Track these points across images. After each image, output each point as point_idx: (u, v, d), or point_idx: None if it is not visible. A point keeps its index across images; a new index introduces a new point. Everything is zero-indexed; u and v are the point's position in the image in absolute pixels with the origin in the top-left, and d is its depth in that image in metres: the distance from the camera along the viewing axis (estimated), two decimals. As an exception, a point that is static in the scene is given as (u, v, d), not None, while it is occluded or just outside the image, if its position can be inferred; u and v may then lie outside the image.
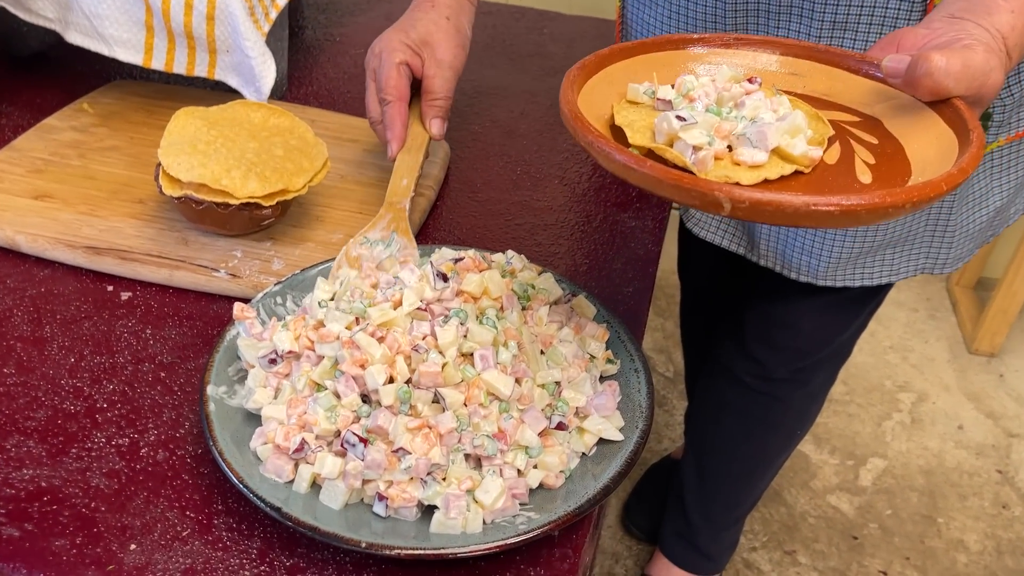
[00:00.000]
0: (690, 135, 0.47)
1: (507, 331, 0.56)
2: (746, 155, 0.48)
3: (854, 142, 0.52)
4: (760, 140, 0.48)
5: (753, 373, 1.06)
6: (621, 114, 0.52)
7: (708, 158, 0.47)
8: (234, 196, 0.65)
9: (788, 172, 0.49)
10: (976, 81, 0.49)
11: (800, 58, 0.58)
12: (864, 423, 1.71)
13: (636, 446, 0.55)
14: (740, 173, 0.47)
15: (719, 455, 1.17)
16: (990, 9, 0.52)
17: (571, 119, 0.47)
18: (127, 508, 0.51)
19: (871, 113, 0.55)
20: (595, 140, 0.45)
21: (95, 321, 0.63)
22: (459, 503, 0.49)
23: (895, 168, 0.50)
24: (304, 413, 0.52)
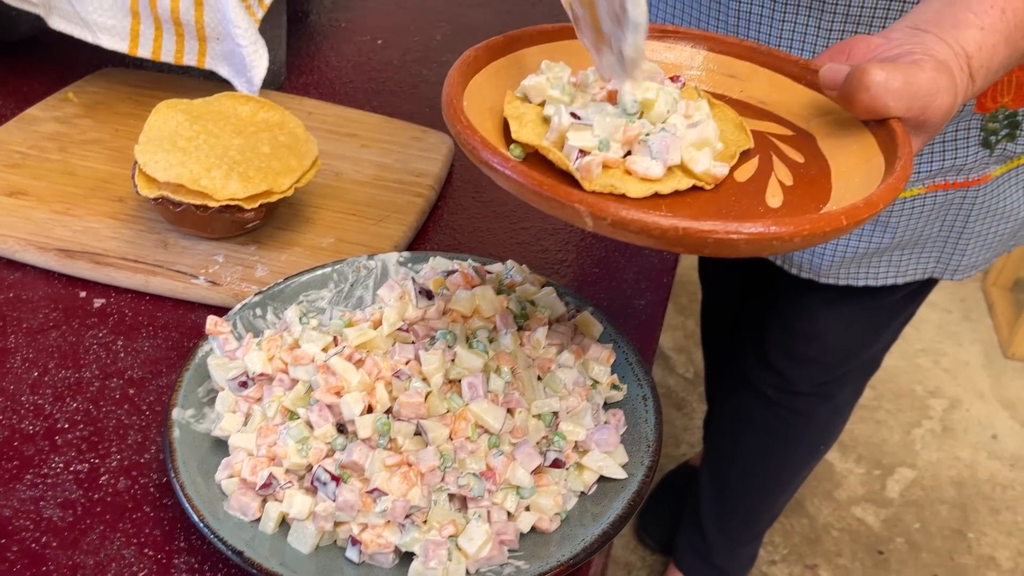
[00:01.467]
0: (578, 137, 0.42)
1: (500, 355, 0.51)
2: (640, 165, 0.42)
3: (777, 159, 0.47)
4: (661, 151, 0.42)
5: (775, 386, 1.00)
6: (512, 104, 0.46)
7: (594, 164, 0.42)
8: (214, 198, 0.61)
9: (684, 187, 0.43)
10: (918, 102, 0.43)
11: (741, 59, 0.52)
12: (892, 430, 1.64)
13: (641, 485, 0.50)
14: (629, 184, 0.42)
15: (738, 469, 1.12)
16: (957, 23, 0.46)
17: (445, 104, 0.42)
18: (80, 544, 0.47)
19: (806, 128, 0.49)
20: (463, 131, 0.41)
21: (63, 331, 0.59)
22: (440, 552, 0.44)
23: (813, 192, 0.44)
24: (274, 444, 0.47)
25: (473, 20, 1.07)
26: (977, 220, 0.77)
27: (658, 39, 0.53)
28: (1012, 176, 0.76)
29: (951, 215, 0.77)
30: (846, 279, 0.82)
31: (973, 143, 0.72)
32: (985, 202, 0.76)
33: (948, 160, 0.72)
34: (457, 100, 0.43)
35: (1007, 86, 0.70)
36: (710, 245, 0.36)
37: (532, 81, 0.46)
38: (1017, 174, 0.75)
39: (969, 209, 0.76)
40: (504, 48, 0.49)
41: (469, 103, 0.44)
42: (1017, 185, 0.76)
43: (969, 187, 0.74)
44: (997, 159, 0.73)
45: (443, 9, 1.08)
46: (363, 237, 0.68)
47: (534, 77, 0.47)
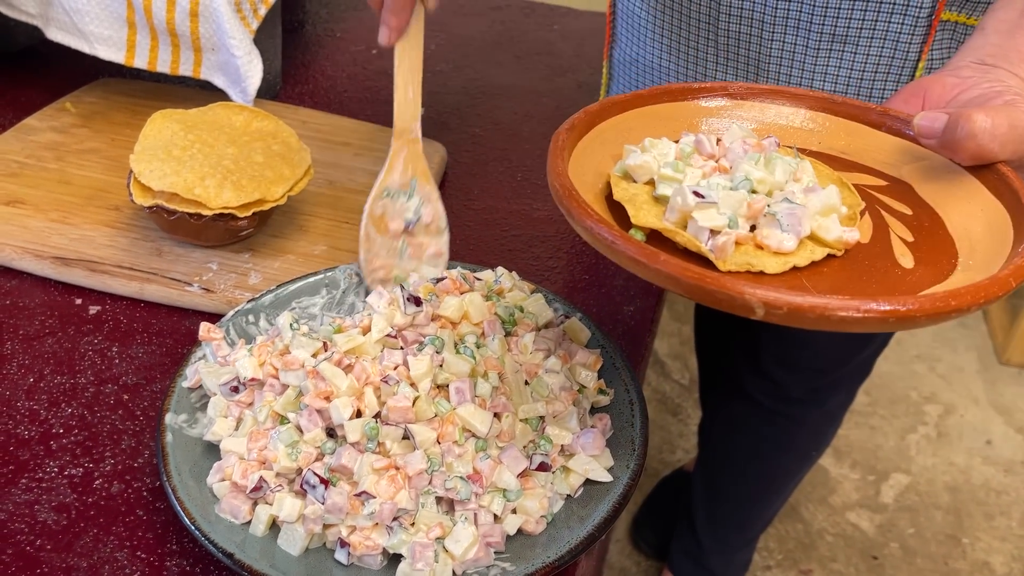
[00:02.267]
0: (705, 216, 0.41)
1: (487, 360, 0.51)
2: (773, 240, 0.41)
3: (885, 213, 0.46)
4: (792, 224, 0.41)
5: (768, 392, 1.01)
6: (620, 187, 0.45)
7: (728, 244, 0.40)
8: (207, 206, 0.62)
9: (819, 257, 0.42)
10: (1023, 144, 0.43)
11: (814, 110, 0.52)
12: (887, 436, 1.65)
13: (626, 488, 0.51)
14: (764, 260, 0.41)
15: (731, 474, 1.12)
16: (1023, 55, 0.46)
17: (565, 197, 0.40)
18: (74, 547, 0.48)
19: (898, 176, 0.49)
20: (595, 226, 0.38)
21: (59, 337, 0.60)
22: (427, 553, 0.45)
23: (937, 246, 0.43)
24: (265, 448, 0.48)
25: (468, 30, 1.08)
26: None
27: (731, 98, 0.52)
28: None
29: None
30: None
31: None
32: None
33: None
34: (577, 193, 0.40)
35: None
36: (892, 323, 0.35)
37: (636, 160, 0.45)
38: None
39: None
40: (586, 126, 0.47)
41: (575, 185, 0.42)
42: None
43: None
44: None
45: (437, 19, 1.10)
46: (355, 244, 0.68)
47: (638, 156, 0.46)
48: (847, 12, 0.64)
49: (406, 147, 0.63)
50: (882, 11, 0.64)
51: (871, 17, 0.64)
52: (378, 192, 0.62)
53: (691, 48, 0.73)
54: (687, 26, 0.72)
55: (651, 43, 0.76)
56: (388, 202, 0.61)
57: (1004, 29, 0.48)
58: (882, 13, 0.64)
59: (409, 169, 0.63)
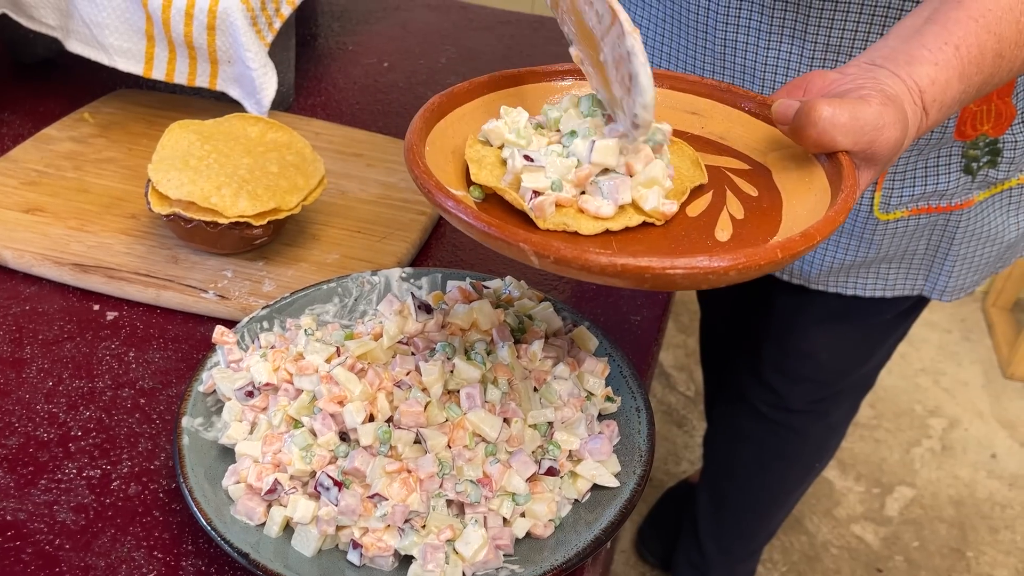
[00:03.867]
0: (532, 178, 0.44)
1: (497, 367, 0.53)
2: (591, 204, 0.45)
3: (731, 193, 0.49)
4: (611, 191, 0.45)
5: (770, 403, 1.01)
6: (473, 148, 0.48)
7: (547, 204, 0.44)
8: (223, 215, 0.63)
9: (635, 224, 0.45)
10: (865, 136, 0.45)
11: (701, 96, 0.54)
12: (892, 449, 1.65)
13: (633, 493, 0.51)
14: (581, 222, 0.44)
15: (735, 485, 1.13)
16: (912, 59, 0.48)
17: (405, 149, 0.44)
18: (92, 547, 0.49)
19: (763, 161, 0.51)
20: (420, 175, 0.42)
21: (77, 342, 0.61)
22: (437, 555, 0.46)
23: (762, 225, 0.46)
24: (279, 451, 0.49)
25: (477, 44, 1.09)
26: (961, 243, 0.79)
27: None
28: (995, 201, 0.78)
29: (935, 235, 0.78)
30: (835, 287, 0.84)
31: (955, 169, 0.73)
32: (969, 226, 0.77)
33: (931, 186, 0.74)
34: (417, 145, 0.45)
35: (987, 115, 0.72)
36: (648, 280, 0.38)
37: (491, 126, 0.49)
38: (1000, 199, 0.77)
39: (953, 232, 0.78)
40: (469, 94, 0.51)
41: (432, 148, 0.47)
42: (1000, 210, 0.77)
43: (952, 211, 0.76)
44: (979, 185, 0.75)
45: (448, 33, 1.11)
46: (367, 253, 0.70)
47: (493, 122, 0.49)
48: (841, 23, 0.66)
49: None
50: (875, 22, 0.65)
51: (864, 28, 0.65)
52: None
53: (688, 57, 0.75)
54: (684, 35, 0.74)
55: (651, 53, 0.77)
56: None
57: (904, 34, 0.49)
58: (875, 24, 0.65)
59: None
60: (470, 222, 0.40)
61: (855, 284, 0.83)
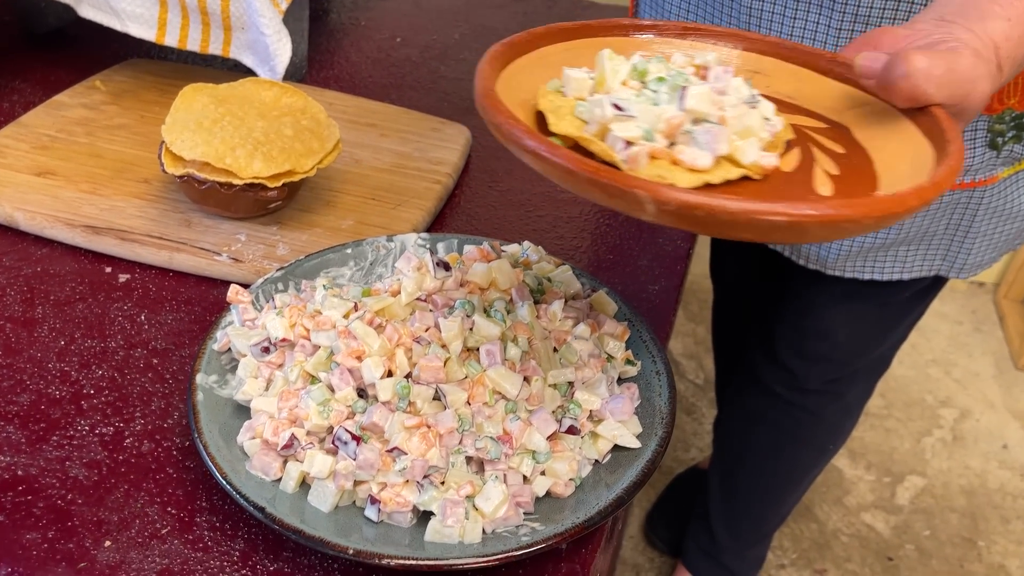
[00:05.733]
0: (622, 127, 0.41)
1: (517, 326, 0.52)
2: (687, 156, 0.41)
3: (816, 150, 0.47)
4: (708, 141, 0.42)
5: (785, 384, 1.00)
6: (547, 98, 0.45)
7: (641, 155, 0.40)
8: (238, 176, 0.62)
9: (734, 177, 0.43)
10: (961, 89, 0.43)
11: (765, 55, 0.52)
12: (903, 439, 1.64)
13: (654, 455, 0.51)
14: (677, 175, 0.41)
15: (747, 468, 1.12)
16: (984, 14, 0.46)
17: (481, 96, 0.41)
18: (105, 502, 0.48)
19: (839, 120, 0.49)
20: (505, 122, 0.39)
21: (89, 303, 0.61)
22: (457, 510, 0.45)
23: (860, 181, 0.44)
24: (296, 407, 0.48)
25: (491, 21, 1.08)
26: (983, 220, 0.77)
27: (679, 37, 0.52)
28: (1019, 178, 0.76)
29: (957, 214, 0.77)
30: (852, 272, 0.83)
31: (980, 144, 0.72)
32: (992, 203, 0.76)
33: None
34: (493, 91, 0.41)
35: (1014, 88, 0.71)
36: (781, 229, 0.35)
37: (576, 74, 0.45)
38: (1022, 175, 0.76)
39: (976, 209, 0.77)
40: (527, 46, 0.48)
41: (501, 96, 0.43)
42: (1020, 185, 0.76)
43: (976, 188, 0.75)
44: (1004, 161, 0.74)
45: (461, 10, 1.10)
46: (382, 220, 0.69)
47: (576, 70, 0.46)
48: None
49: None
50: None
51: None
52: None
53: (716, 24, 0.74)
54: (710, 3, 0.73)
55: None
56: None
57: None
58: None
59: None
60: (573, 168, 0.36)
61: (872, 268, 0.82)
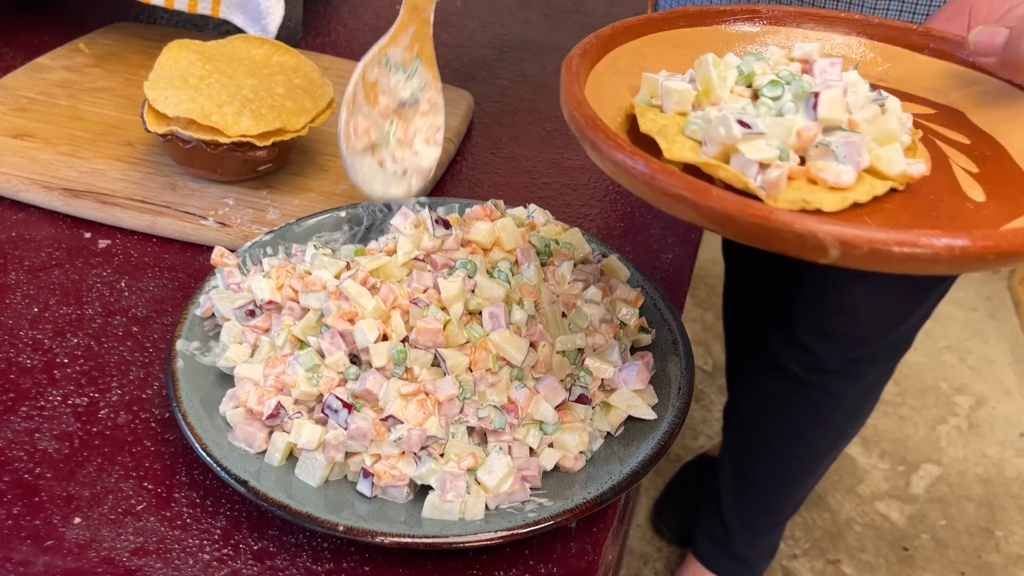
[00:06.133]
0: (753, 148, 0.35)
1: (522, 287, 0.48)
2: (830, 173, 0.36)
3: (940, 143, 0.41)
4: (850, 154, 0.36)
5: (803, 363, 0.96)
6: (647, 117, 0.39)
7: (781, 178, 0.35)
8: (225, 134, 0.58)
9: (881, 192, 0.37)
10: None
11: (849, 34, 0.47)
12: (917, 426, 1.60)
13: (671, 427, 0.47)
14: (821, 196, 0.36)
15: (761, 453, 1.08)
16: None
17: (588, 128, 0.34)
18: (76, 476, 0.44)
19: (947, 103, 0.44)
20: (627, 159, 0.32)
21: (66, 269, 0.57)
22: (458, 484, 0.41)
23: (1006, 177, 0.39)
24: (283, 373, 0.45)
25: (493, -12, 1.04)
26: None
27: (747, 20, 0.47)
28: None
29: None
30: None
31: None
32: None
33: None
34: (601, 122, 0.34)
35: None
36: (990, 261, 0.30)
37: (677, 85, 0.40)
38: None
39: None
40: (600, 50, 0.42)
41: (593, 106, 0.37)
42: None
43: None
44: None
45: (462, -23, 1.06)
46: (379, 185, 0.65)
47: (673, 80, 0.40)
48: None
49: (415, 23, 0.55)
50: None
51: None
52: (375, 55, 0.53)
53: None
54: None
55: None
56: (384, 73, 0.53)
57: None
58: None
59: (415, 47, 0.55)
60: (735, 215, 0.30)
61: None
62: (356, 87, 0.52)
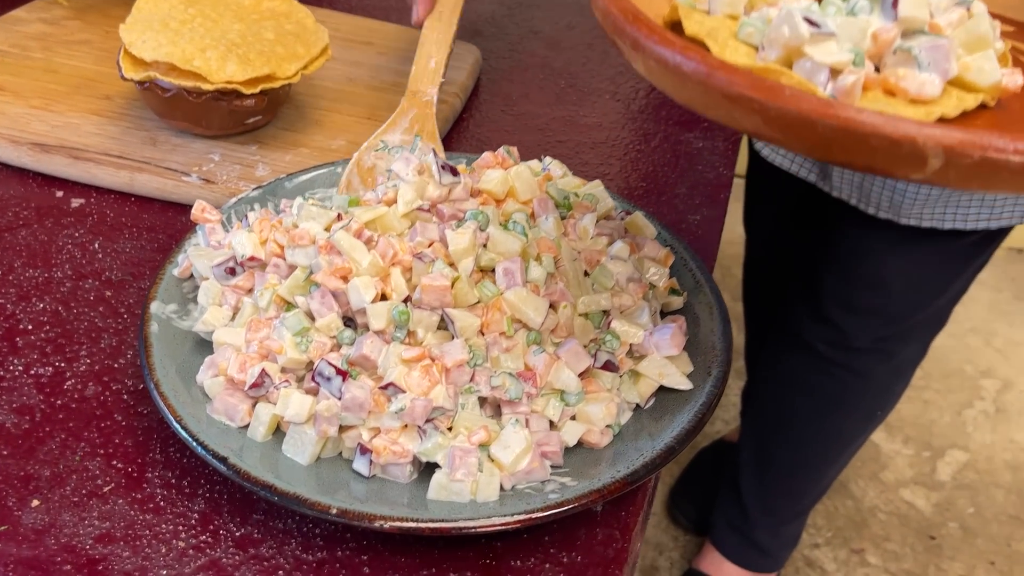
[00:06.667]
0: (823, 51, 0.31)
1: (540, 242, 0.42)
2: (912, 82, 0.31)
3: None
4: (936, 60, 0.31)
5: (829, 341, 0.90)
6: (693, 19, 0.35)
7: (856, 86, 0.30)
8: (208, 80, 0.53)
9: (971, 106, 0.32)
10: None
11: None
12: (942, 411, 1.54)
13: (709, 398, 0.41)
14: (902, 109, 0.31)
15: (784, 437, 1.02)
16: None
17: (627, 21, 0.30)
18: (35, 454, 0.39)
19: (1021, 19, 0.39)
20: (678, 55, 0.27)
21: (34, 229, 0.51)
22: (469, 460, 0.36)
23: None
24: (267, 338, 0.39)
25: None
26: None
27: None
28: None
29: None
30: (930, 220, 0.73)
31: None
32: None
33: None
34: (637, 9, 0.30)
35: None
36: None
37: None
38: None
39: None
40: None
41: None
42: None
43: None
44: None
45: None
46: (379, 141, 0.60)
47: None
48: None
49: (415, 108, 0.56)
50: None
51: None
52: (371, 143, 0.53)
53: None
54: None
55: None
56: (383, 155, 0.52)
57: None
58: None
59: (414, 128, 0.55)
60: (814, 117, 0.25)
61: (954, 215, 0.72)
62: (350, 174, 0.50)
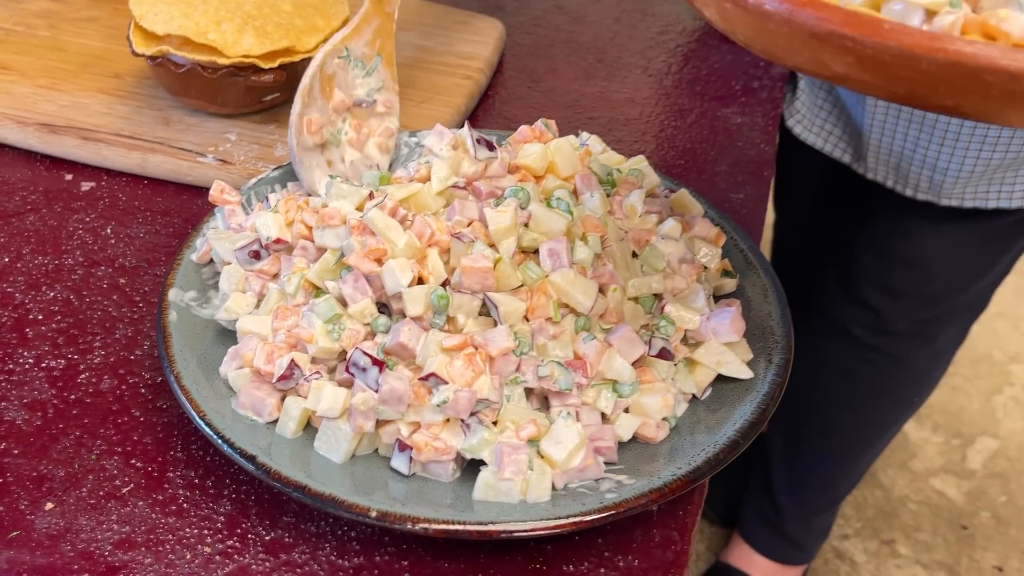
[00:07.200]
0: None
1: (585, 220, 0.39)
2: (1015, 24, 0.28)
3: None
4: None
5: (865, 324, 0.87)
6: None
7: (955, 28, 0.27)
8: (224, 54, 0.50)
9: None
10: None
11: None
12: (971, 398, 1.51)
13: (772, 387, 0.38)
14: None
15: (817, 425, 0.99)
16: None
17: None
18: (49, 453, 0.36)
19: None
20: None
21: (43, 215, 0.49)
22: (518, 458, 0.33)
23: None
24: (296, 326, 0.36)
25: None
26: None
27: None
28: None
29: None
30: (972, 200, 0.70)
31: None
32: None
33: None
34: None
35: None
36: None
37: None
38: None
39: None
40: None
41: None
42: None
43: None
44: None
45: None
46: (404, 118, 0.56)
47: None
48: None
49: (379, 18, 0.51)
50: None
51: None
52: (336, 46, 0.48)
53: None
54: None
55: None
56: (343, 66, 0.48)
57: None
58: None
59: (376, 43, 0.50)
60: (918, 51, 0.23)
61: (999, 193, 0.69)
62: (313, 79, 0.46)
